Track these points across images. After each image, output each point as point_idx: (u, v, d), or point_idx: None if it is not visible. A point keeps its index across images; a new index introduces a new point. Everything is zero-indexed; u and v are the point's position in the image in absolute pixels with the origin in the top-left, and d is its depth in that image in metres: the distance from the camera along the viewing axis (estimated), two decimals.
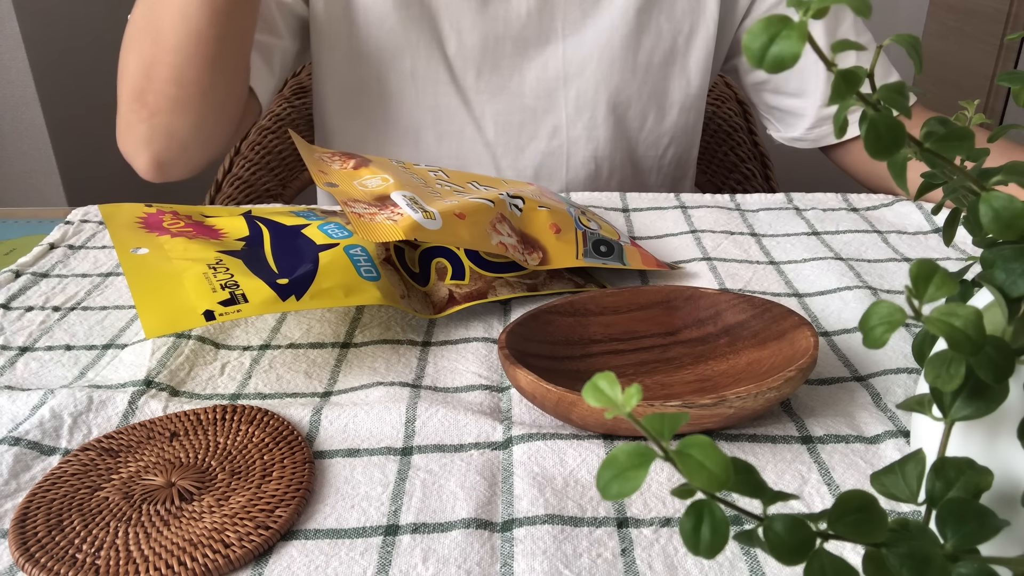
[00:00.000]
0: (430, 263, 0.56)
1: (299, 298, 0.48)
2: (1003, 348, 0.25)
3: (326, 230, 0.55)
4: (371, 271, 0.52)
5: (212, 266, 0.49)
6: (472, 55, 0.82)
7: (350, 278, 0.50)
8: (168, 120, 0.70)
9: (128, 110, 0.71)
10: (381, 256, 0.54)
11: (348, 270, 0.51)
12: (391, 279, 0.53)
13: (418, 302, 0.54)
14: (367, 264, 0.52)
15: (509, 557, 0.35)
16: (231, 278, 0.48)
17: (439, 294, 0.55)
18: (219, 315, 0.45)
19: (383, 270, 0.53)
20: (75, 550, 0.36)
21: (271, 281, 0.48)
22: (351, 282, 0.50)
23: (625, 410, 0.22)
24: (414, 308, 0.53)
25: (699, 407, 0.40)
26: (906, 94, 0.26)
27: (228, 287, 0.47)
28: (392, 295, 0.52)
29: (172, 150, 0.72)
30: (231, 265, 0.50)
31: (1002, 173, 0.29)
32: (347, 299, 0.49)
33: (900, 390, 0.47)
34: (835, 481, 0.40)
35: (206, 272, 0.48)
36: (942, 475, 0.27)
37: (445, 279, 0.55)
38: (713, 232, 0.68)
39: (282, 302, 0.47)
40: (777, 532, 0.23)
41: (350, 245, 0.53)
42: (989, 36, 1.74)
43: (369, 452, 0.42)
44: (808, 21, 0.23)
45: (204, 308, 0.45)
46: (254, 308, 0.46)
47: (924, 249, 0.65)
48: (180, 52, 0.67)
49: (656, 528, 0.37)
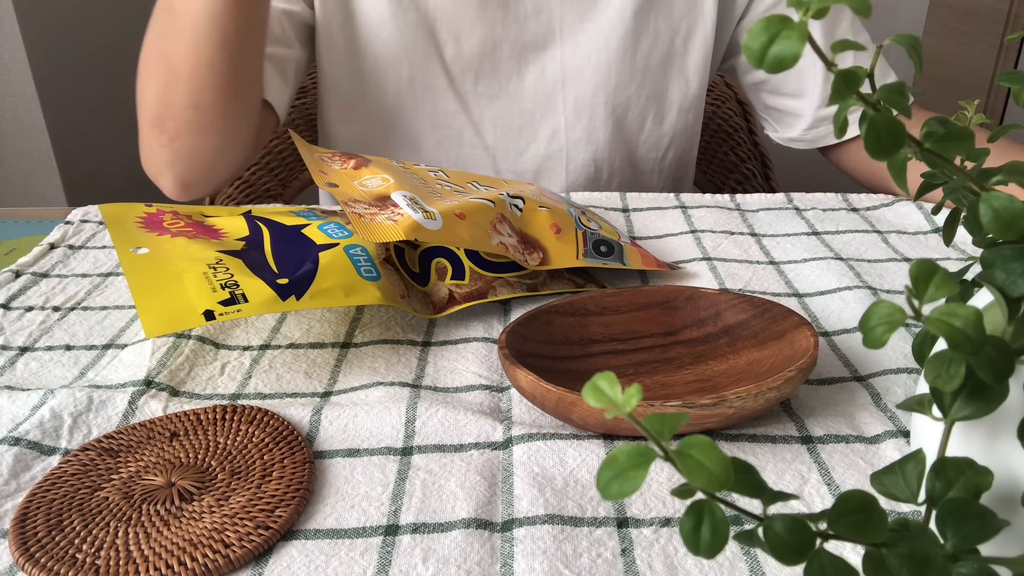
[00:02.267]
0: (430, 263, 0.56)
1: (299, 298, 0.48)
2: (1003, 348, 0.25)
3: (326, 230, 0.55)
4: (371, 271, 0.52)
5: (212, 266, 0.49)
6: (470, 60, 0.82)
7: (350, 278, 0.50)
8: (189, 143, 0.70)
9: (150, 135, 0.71)
10: (381, 256, 0.54)
11: (348, 270, 0.51)
12: (391, 279, 0.53)
13: (418, 302, 0.54)
14: (367, 264, 0.52)
15: (509, 557, 0.35)
16: (231, 278, 0.48)
17: (439, 294, 0.55)
18: (219, 315, 0.45)
19: (383, 270, 0.53)
20: (75, 550, 0.36)
21: (271, 281, 0.48)
22: (351, 282, 0.50)
23: (625, 410, 0.22)
24: (414, 308, 0.53)
25: (699, 407, 0.40)
26: (906, 94, 0.26)
27: (228, 287, 0.47)
28: (392, 295, 0.52)
29: (196, 171, 0.72)
30: (231, 265, 0.50)
31: (1002, 173, 0.29)
32: (347, 299, 0.49)
33: (900, 390, 0.47)
34: (835, 481, 0.40)
35: (206, 272, 0.48)
36: (942, 475, 0.27)
37: (445, 279, 0.55)
38: (713, 232, 0.68)
39: (282, 302, 0.47)
40: (777, 532, 0.23)
41: (350, 245, 0.53)
42: (989, 36, 1.74)
43: (369, 452, 0.42)
44: (808, 21, 0.23)
45: (204, 308, 0.45)
46: (254, 308, 0.46)
47: (924, 249, 0.65)
48: (195, 79, 0.67)
49: (656, 528, 0.37)
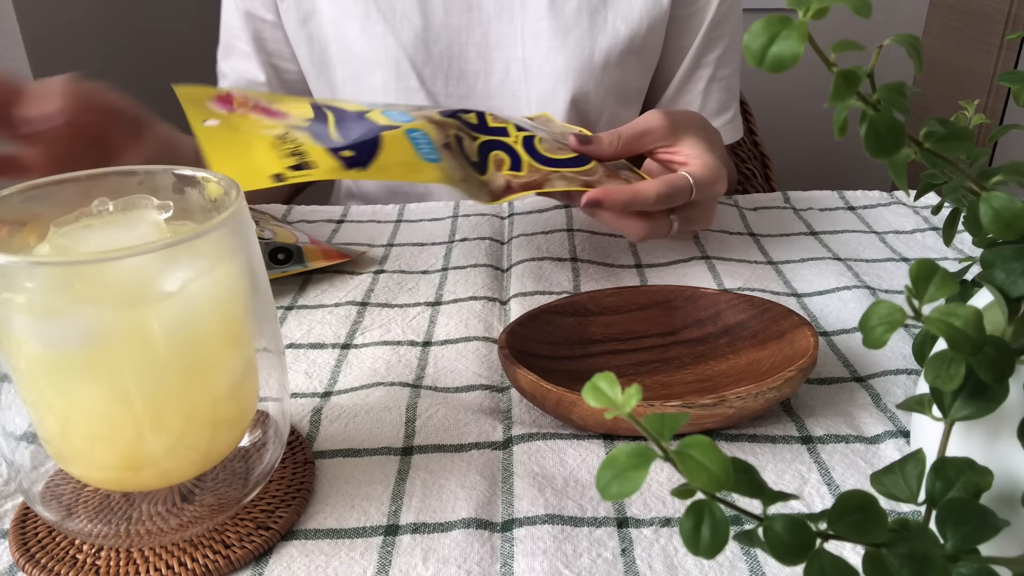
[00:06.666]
0: (488, 155, 0.57)
1: (364, 168, 0.49)
2: (1003, 348, 0.25)
3: (390, 115, 0.56)
4: (432, 154, 0.53)
5: (280, 136, 0.51)
6: (439, 64, 0.85)
7: (411, 157, 0.52)
8: None
9: None
10: (441, 142, 0.55)
11: (409, 150, 0.52)
12: (451, 163, 0.54)
13: (476, 187, 0.54)
14: (427, 148, 0.53)
15: (509, 557, 0.35)
16: (299, 147, 0.50)
17: (496, 182, 0.55)
18: (288, 178, 0.46)
19: (443, 154, 0.54)
20: (75, 550, 0.36)
21: (336, 152, 0.50)
22: (412, 161, 0.51)
23: (625, 410, 0.22)
24: (472, 193, 0.53)
25: (699, 407, 0.40)
26: (906, 94, 0.26)
27: (296, 155, 0.49)
28: (452, 177, 0.52)
29: None
30: (298, 137, 0.51)
31: (1002, 173, 0.29)
32: (410, 175, 0.50)
33: (900, 390, 0.47)
34: (835, 481, 0.40)
35: (274, 142, 0.50)
36: (942, 475, 0.27)
37: (503, 169, 0.56)
38: (712, 231, 0.68)
39: (347, 170, 0.48)
40: (777, 532, 0.23)
41: (411, 129, 0.54)
42: (989, 36, 1.74)
43: (369, 452, 0.42)
44: (807, 22, 0.23)
45: (273, 171, 0.47)
46: (322, 173, 0.47)
47: (922, 249, 0.65)
48: None
49: (656, 528, 0.37)
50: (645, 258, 0.64)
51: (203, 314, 0.33)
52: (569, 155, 0.58)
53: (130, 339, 0.31)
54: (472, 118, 0.61)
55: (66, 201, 0.35)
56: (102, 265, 0.30)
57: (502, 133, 0.60)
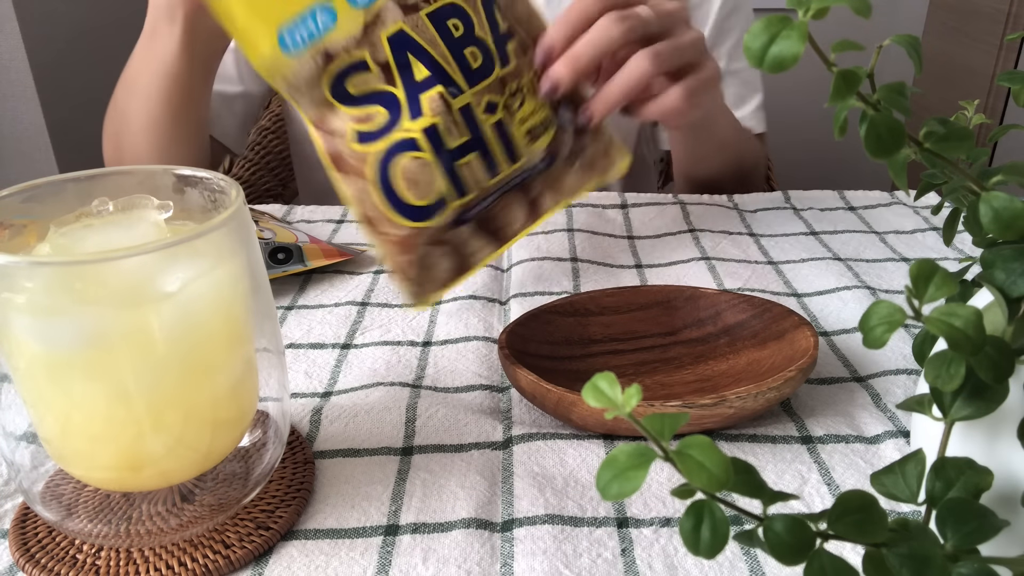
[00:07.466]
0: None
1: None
2: (1003, 348, 0.25)
3: None
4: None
5: None
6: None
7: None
8: None
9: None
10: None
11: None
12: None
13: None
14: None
15: (509, 557, 0.35)
16: None
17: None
18: None
19: None
20: (75, 550, 0.36)
21: None
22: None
23: (625, 410, 0.22)
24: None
25: (699, 407, 0.40)
26: (906, 94, 0.26)
27: None
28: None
29: None
30: None
31: (1002, 173, 0.29)
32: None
33: (900, 390, 0.47)
34: (835, 481, 0.40)
35: None
36: (942, 475, 0.27)
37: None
38: (712, 232, 0.68)
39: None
40: (777, 532, 0.23)
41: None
42: (989, 36, 1.74)
43: (369, 452, 0.42)
44: (807, 22, 0.23)
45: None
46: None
47: (922, 249, 0.65)
48: (143, 134, 0.75)
49: (656, 528, 0.37)
50: (645, 258, 0.64)
51: (203, 314, 0.33)
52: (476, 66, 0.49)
53: (130, 339, 0.31)
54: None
55: (66, 201, 0.35)
56: (102, 265, 0.30)
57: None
